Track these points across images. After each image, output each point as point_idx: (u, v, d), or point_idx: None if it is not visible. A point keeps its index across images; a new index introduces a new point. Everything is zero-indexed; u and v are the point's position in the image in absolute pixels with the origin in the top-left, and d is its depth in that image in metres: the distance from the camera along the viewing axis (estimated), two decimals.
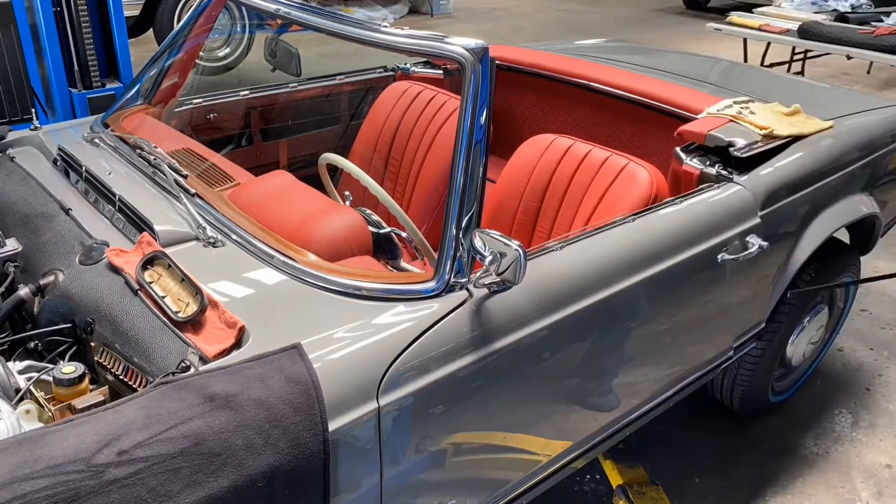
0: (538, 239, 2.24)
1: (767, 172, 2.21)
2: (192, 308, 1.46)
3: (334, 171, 2.41)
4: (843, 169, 2.40)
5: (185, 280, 1.53)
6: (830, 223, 2.39)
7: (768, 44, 6.02)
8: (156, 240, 1.69)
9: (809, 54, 6.15)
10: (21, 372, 1.47)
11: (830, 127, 2.45)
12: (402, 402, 1.45)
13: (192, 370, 1.36)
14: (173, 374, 1.35)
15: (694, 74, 2.97)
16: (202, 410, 1.22)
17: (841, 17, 5.62)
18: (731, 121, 2.32)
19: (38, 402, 1.39)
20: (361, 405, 1.39)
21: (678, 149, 2.30)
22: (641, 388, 2.12)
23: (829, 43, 5.25)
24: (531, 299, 1.66)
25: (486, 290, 1.58)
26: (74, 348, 1.61)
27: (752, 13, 6.25)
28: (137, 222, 1.78)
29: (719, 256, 2.05)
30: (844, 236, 2.72)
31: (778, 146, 2.29)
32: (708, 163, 2.23)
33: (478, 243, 1.54)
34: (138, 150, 2.07)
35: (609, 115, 2.88)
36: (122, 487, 1.12)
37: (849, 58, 5.53)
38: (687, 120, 2.44)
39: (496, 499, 1.85)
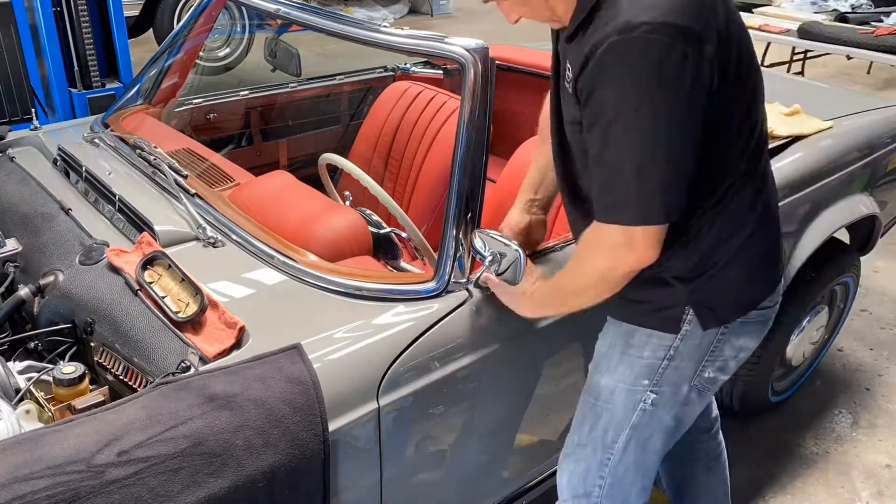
0: None
1: None
2: (192, 308, 1.46)
3: (334, 171, 2.40)
4: (842, 169, 2.40)
5: (185, 280, 1.53)
6: (830, 223, 2.38)
7: (768, 44, 6.00)
8: (156, 240, 1.69)
9: (809, 54, 6.13)
10: (21, 372, 1.47)
11: (830, 127, 2.44)
12: (402, 402, 1.45)
13: (192, 370, 1.36)
14: (173, 374, 1.35)
15: None
16: (202, 411, 1.22)
17: (841, 17, 5.60)
18: None
19: (38, 402, 1.39)
20: (361, 405, 1.39)
21: None
22: None
23: (829, 43, 5.23)
24: None
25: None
26: (74, 348, 1.61)
27: (752, 13, 6.23)
28: (137, 222, 1.78)
29: None
30: (844, 236, 2.71)
31: (778, 146, 2.28)
32: None
33: (478, 243, 1.54)
34: (138, 150, 2.07)
35: None
36: (123, 488, 1.12)
37: (849, 58, 5.52)
38: None
39: (496, 499, 1.85)
